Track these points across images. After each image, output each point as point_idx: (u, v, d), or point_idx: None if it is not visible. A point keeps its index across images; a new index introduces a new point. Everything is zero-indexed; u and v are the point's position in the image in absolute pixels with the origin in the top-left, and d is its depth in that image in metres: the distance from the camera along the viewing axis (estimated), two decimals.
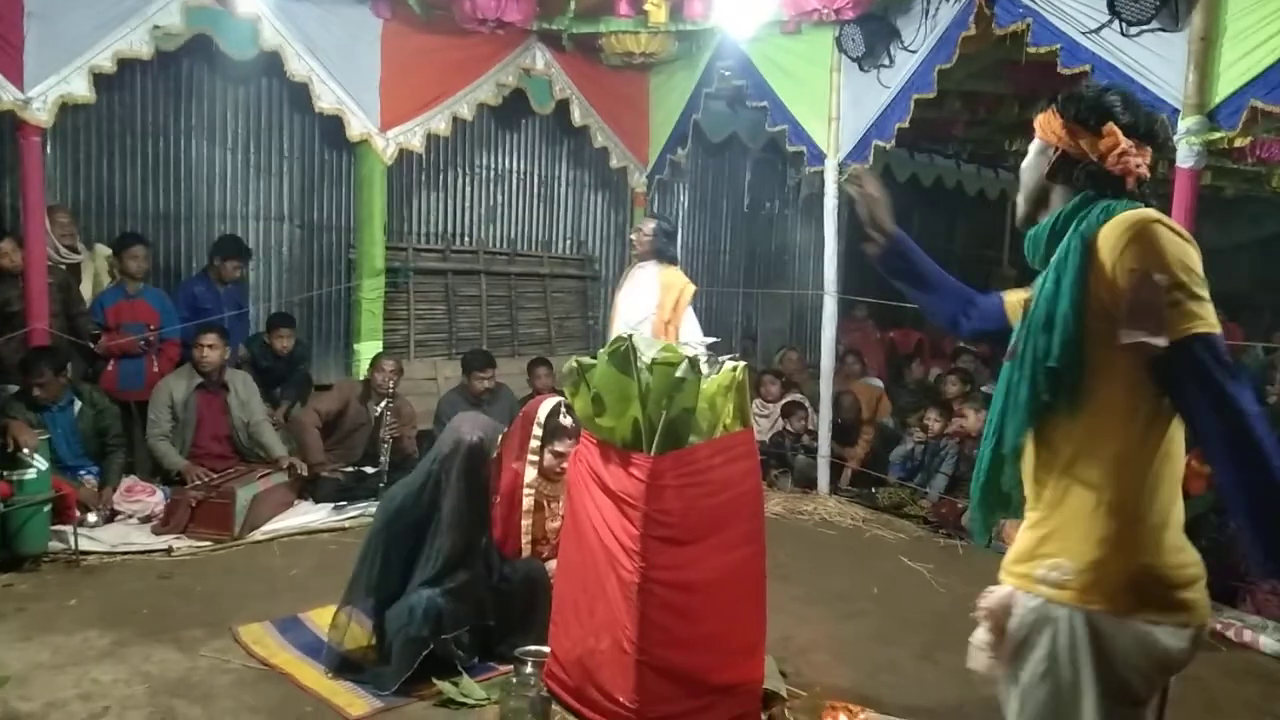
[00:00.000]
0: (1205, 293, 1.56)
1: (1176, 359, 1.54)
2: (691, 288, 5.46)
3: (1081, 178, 1.75)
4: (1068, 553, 1.63)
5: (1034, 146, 1.86)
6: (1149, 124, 1.77)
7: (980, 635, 1.74)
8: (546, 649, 3.21)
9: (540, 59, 6.83)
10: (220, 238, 6.31)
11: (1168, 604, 1.60)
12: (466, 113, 6.63)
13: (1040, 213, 1.83)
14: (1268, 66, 3.95)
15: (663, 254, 5.43)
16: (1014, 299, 1.99)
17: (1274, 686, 3.69)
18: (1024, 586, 1.68)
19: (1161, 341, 1.53)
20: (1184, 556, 1.64)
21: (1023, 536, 1.73)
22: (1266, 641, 3.97)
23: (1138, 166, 1.73)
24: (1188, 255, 1.57)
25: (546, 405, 3.89)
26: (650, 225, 5.50)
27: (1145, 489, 1.61)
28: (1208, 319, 1.54)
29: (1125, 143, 1.73)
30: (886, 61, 5.67)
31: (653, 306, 5.29)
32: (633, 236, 5.73)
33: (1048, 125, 1.81)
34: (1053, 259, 1.71)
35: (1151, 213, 1.63)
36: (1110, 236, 1.61)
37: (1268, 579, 1.33)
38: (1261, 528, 1.52)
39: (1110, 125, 1.74)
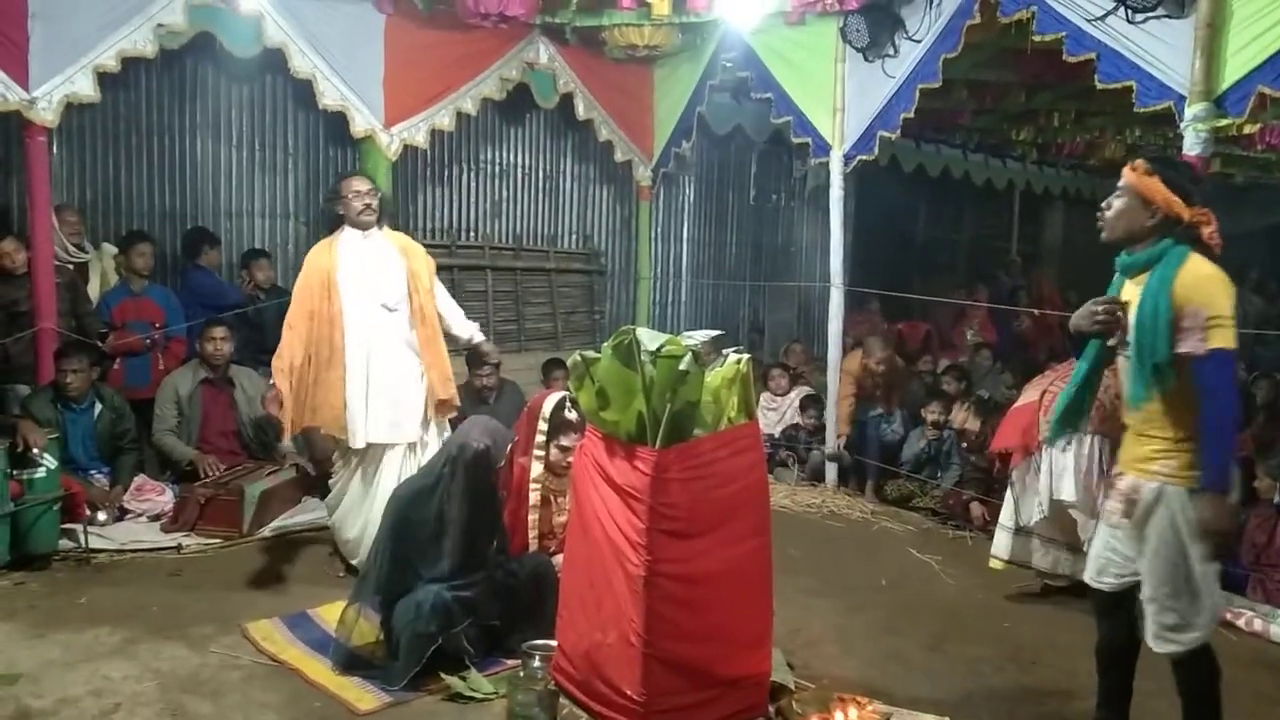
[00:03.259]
0: (1231, 322, 2.47)
1: (1202, 362, 2.49)
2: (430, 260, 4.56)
3: (1180, 233, 2.56)
4: (1173, 455, 2.59)
5: (1130, 195, 2.60)
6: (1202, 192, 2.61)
7: (1113, 504, 2.74)
8: (554, 643, 3.21)
9: (544, 53, 6.81)
10: (189, 231, 6.22)
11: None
12: (470, 107, 6.61)
13: (1132, 244, 2.63)
14: (1275, 52, 3.91)
15: (395, 217, 4.43)
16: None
17: None
18: (1146, 476, 2.63)
19: (1200, 351, 2.48)
20: None
21: (1140, 448, 2.66)
22: (1277, 630, 3.96)
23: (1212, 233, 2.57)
24: (1228, 295, 2.47)
25: (551, 400, 3.90)
26: (373, 187, 4.43)
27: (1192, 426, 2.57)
28: (1226, 341, 2.48)
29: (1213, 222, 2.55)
30: (891, 51, 5.63)
31: (405, 281, 4.35)
32: (355, 201, 4.34)
33: (1151, 188, 2.56)
34: (1149, 285, 2.53)
35: (1211, 268, 2.51)
36: (1188, 280, 2.49)
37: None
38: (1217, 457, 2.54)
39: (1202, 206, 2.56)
